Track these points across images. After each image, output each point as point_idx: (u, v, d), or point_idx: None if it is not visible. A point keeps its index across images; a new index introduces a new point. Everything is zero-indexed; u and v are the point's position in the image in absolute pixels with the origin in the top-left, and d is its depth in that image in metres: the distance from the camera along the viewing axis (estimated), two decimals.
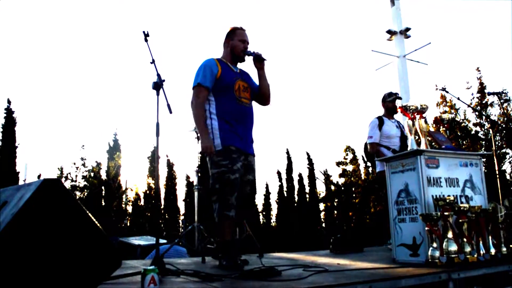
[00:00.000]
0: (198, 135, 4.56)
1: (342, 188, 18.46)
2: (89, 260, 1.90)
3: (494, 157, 4.76)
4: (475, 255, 3.04)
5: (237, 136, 3.33)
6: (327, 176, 19.79)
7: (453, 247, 2.95)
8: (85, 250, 1.89)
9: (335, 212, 19.74)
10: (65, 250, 1.82)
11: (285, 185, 20.41)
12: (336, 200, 19.10)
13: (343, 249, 4.70)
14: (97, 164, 16.12)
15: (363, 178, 19.21)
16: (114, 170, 16.23)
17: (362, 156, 20.14)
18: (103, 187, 15.96)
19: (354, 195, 18.29)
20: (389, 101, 5.10)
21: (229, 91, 3.38)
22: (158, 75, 3.13)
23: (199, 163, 5.48)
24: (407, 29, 11.13)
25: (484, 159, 3.80)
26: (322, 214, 20.72)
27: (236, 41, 3.52)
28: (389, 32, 11.28)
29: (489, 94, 11.65)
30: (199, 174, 5.23)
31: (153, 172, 17.43)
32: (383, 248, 5.08)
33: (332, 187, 19.14)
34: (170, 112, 2.98)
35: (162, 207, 17.67)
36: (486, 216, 3.24)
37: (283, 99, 34.28)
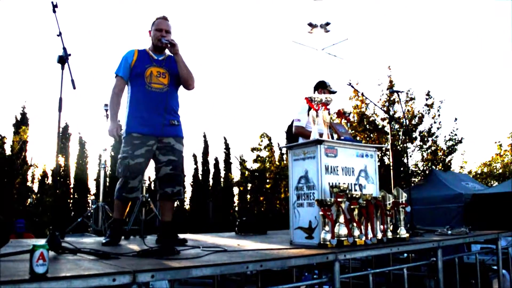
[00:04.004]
0: (107, 113, 4.56)
1: (256, 174, 18.84)
2: None
3: (390, 150, 5.13)
4: (363, 239, 3.30)
5: (142, 122, 3.55)
6: (242, 161, 20.09)
7: (344, 231, 3.19)
8: None
9: (248, 196, 20.13)
10: None
11: (200, 168, 20.43)
12: (249, 185, 19.46)
13: (248, 231, 4.86)
14: (1, 138, 15.06)
15: (276, 164, 19.72)
16: (19, 145, 15.25)
17: (278, 143, 20.69)
18: (5, 163, 14.94)
19: (267, 180, 18.74)
20: (330, 90, 5.31)
21: (140, 78, 3.59)
22: (64, 48, 3.04)
23: (114, 142, 5.37)
24: (327, 24, 11.52)
25: (379, 152, 4.08)
26: (236, 198, 21.05)
27: (153, 31, 3.72)
28: (310, 24, 11.61)
29: (392, 92, 12.49)
30: (112, 153, 5.14)
31: (63, 150, 16.67)
32: (285, 232, 5.31)
33: (246, 172, 19.47)
34: (74, 87, 2.92)
35: (71, 186, 16.95)
36: (376, 203, 3.52)
37: (203, 83, 34.09)
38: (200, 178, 20.28)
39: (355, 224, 3.29)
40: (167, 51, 3.78)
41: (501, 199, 5.48)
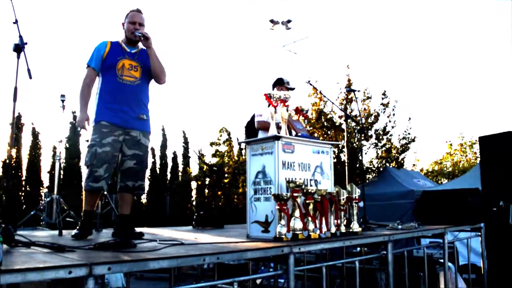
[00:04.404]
0: (64, 104, 4.51)
1: (214, 168, 18.82)
2: None
3: (345, 148, 5.27)
4: (317, 233, 3.40)
5: (112, 112, 3.54)
6: (200, 155, 20.01)
7: (299, 225, 3.27)
8: None
9: (206, 191, 20.09)
10: None
11: (158, 162, 20.22)
12: (207, 179, 19.42)
13: (205, 225, 4.90)
14: None
15: (235, 159, 19.76)
16: None
17: (237, 138, 20.73)
18: None
19: (225, 175, 18.76)
20: (287, 87, 5.39)
21: (112, 70, 3.59)
22: (20, 36, 2.99)
23: (69, 133, 5.26)
24: (289, 21, 11.64)
25: (335, 148, 4.20)
26: (193, 193, 20.96)
27: (127, 23, 3.72)
28: (272, 21, 11.70)
29: (349, 90, 12.80)
30: (67, 145, 5.02)
31: (15, 141, 16.09)
32: (243, 226, 5.38)
33: (205, 167, 19.41)
34: (30, 77, 2.87)
35: (23, 178, 16.39)
36: (330, 198, 3.63)
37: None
38: (158, 172, 20.08)
39: (310, 219, 3.38)
40: (140, 44, 3.77)
41: (449, 196, 5.75)
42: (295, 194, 3.31)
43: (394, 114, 15.10)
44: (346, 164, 5.18)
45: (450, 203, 5.36)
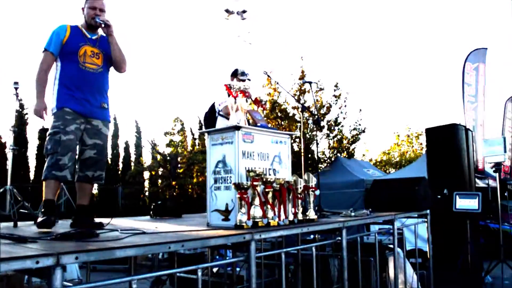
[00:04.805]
0: (17, 92, 4.36)
1: (168, 158, 18.66)
2: None
3: (302, 138, 5.42)
4: (276, 220, 3.51)
5: (75, 100, 3.45)
6: (154, 145, 19.78)
7: (259, 213, 3.36)
8: None
9: (159, 181, 19.91)
10: None
11: (110, 152, 19.82)
12: (161, 169, 19.24)
13: (163, 215, 4.90)
14: None
15: (189, 149, 19.69)
16: None
17: (191, 129, 20.61)
18: None
19: (179, 165, 18.65)
20: (240, 78, 5.43)
21: (73, 56, 3.47)
22: None
23: (15, 122, 5.09)
24: (244, 11, 11.66)
25: (290, 138, 4.32)
26: (146, 183, 20.71)
27: (87, 8, 3.60)
28: (227, 11, 11.68)
29: (304, 82, 13.03)
30: (14, 134, 4.87)
31: None
32: (201, 215, 5.43)
33: (158, 157, 19.21)
34: None
35: None
36: (288, 187, 3.74)
37: None
38: (110, 162, 19.68)
39: (269, 207, 3.48)
40: (99, 31, 3.68)
41: (398, 184, 6.02)
42: (255, 183, 3.39)
43: (345, 106, 15.52)
44: (302, 154, 5.33)
45: (399, 192, 5.61)
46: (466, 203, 6.77)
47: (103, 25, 3.56)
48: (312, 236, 6.44)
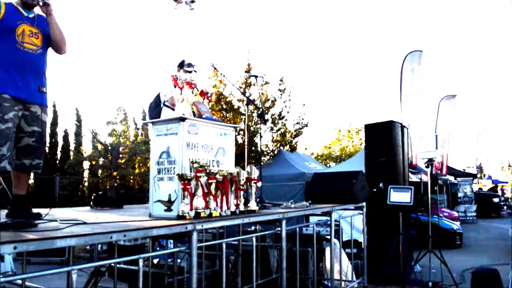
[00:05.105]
0: None
1: (109, 148, 18.22)
2: None
3: (246, 131, 5.50)
4: (218, 211, 3.58)
5: (13, 84, 3.24)
6: (95, 134, 19.23)
7: (201, 204, 3.42)
8: None
9: (100, 171, 19.41)
10: None
11: (47, 140, 19.07)
12: (102, 159, 18.76)
13: (103, 205, 4.84)
14: None
15: (131, 139, 19.32)
16: None
17: (134, 118, 20.21)
18: None
19: (121, 155, 18.25)
20: (186, 70, 5.38)
21: (10, 35, 3.25)
22: None
23: None
24: (192, 1, 11.51)
25: (235, 131, 4.39)
26: (86, 173, 20.12)
27: None
28: (175, 0, 11.49)
29: (250, 76, 13.14)
30: None
31: None
32: (142, 206, 5.40)
33: (99, 146, 18.71)
34: None
35: None
36: (231, 178, 3.82)
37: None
38: (47, 150, 18.94)
39: (212, 198, 3.54)
40: (36, 9, 3.47)
41: (336, 178, 6.25)
42: (198, 174, 3.44)
43: (290, 100, 15.77)
44: (246, 146, 5.42)
45: (337, 185, 5.83)
46: (399, 197, 7.15)
47: (41, 3, 3.34)
48: (253, 228, 6.57)
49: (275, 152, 15.07)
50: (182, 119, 3.60)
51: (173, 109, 4.77)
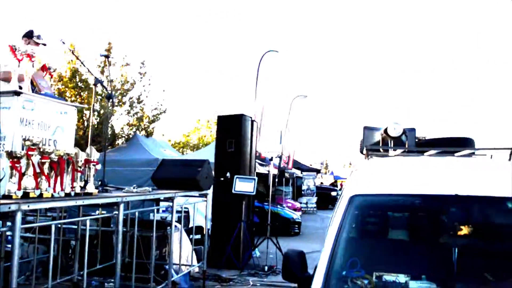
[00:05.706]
0: None
1: None
2: None
3: (92, 111, 5.34)
4: (51, 192, 3.45)
5: None
6: None
7: (31, 184, 3.26)
8: None
9: None
10: None
11: None
12: None
13: None
14: None
15: None
16: None
17: None
18: None
19: None
20: (36, 41, 4.95)
21: None
22: None
23: None
24: None
25: (87, 111, 4.26)
26: None
27: None
28: None
29: (102, 56, 12.59)
30: None
31: None
32: None
33: None
34: None
35: None
36: (68, 159, 3.70)
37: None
38: None
39: (44, 178, 3.40)
40: None
41: (183, 165, 6.38)
42: (30, 153, 3.28)
43: (150, 84, 15.53)
44: (90, 127, 5.25)
45: (183, 172, 5.96)
46: (243, 186, 7.59)
47: None
48: (97, 212, 6.41)
49: (130, 136, 14.73)
50: (17, 93, 3.41)
51: (9, 82, 4.44)
